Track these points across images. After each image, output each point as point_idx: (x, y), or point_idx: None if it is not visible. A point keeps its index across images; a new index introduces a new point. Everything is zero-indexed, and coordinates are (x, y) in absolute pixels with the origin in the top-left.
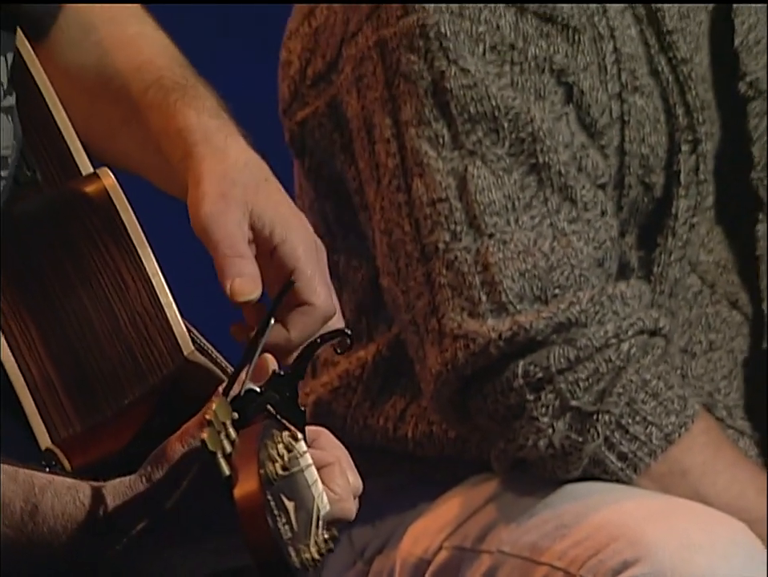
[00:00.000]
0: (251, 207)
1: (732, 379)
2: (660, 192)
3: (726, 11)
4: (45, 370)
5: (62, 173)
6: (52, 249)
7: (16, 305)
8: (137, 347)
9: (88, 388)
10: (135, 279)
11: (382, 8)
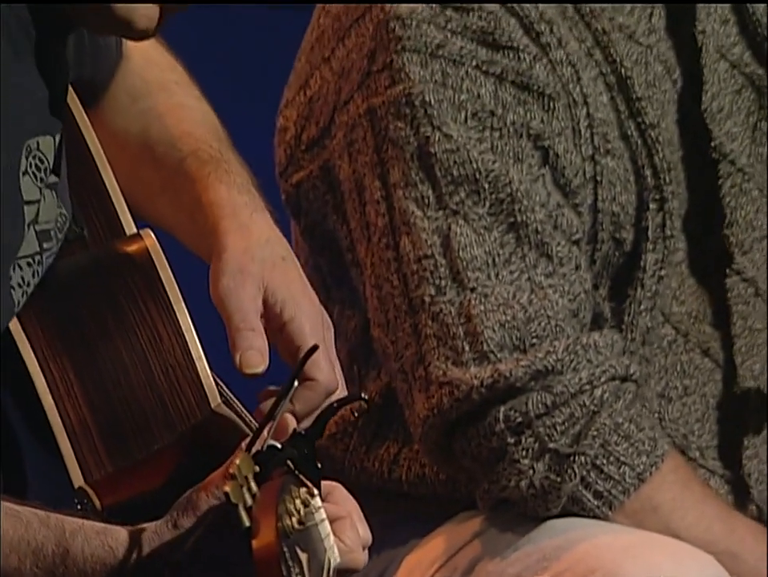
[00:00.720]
0: (266, 283)
1: (705, 422)
2: (630, 247)
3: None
4: (81, 414)
5: (108, 231)
6: (94, 302)
7: (58, 352)
8: (168, 397)
9: (121, 433)
10: (170, 333)
11: (372, 78)
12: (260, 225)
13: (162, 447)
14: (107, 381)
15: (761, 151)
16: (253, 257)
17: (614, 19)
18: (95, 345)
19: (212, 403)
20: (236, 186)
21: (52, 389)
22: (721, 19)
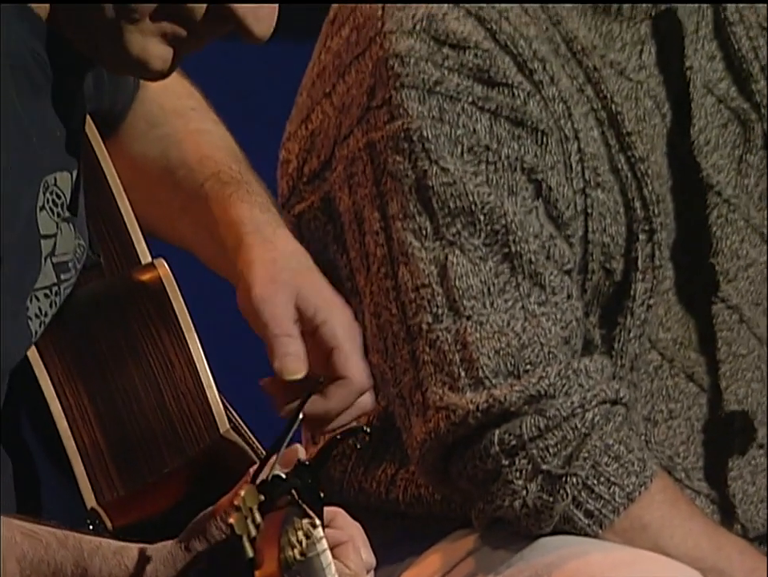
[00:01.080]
0: (298, 290)
1: (690, 444)
2: (620, 277)
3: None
4: (95, 438)
5: (124, 259)
6: (109, 330)
7: (73, 378)
8: (178, 422)
9: (132, 456)
10: (181, 361)
11: (371, 113)
12: (283, 239)
13: (172, 471)
14: (120, 407)
15: (747, 183)
16: (283, 267)
17: (605, 56)
18: (109, 372)
19: (221, 429)
20: (257, 205)
21: (67, 414)
22: (708, 55)
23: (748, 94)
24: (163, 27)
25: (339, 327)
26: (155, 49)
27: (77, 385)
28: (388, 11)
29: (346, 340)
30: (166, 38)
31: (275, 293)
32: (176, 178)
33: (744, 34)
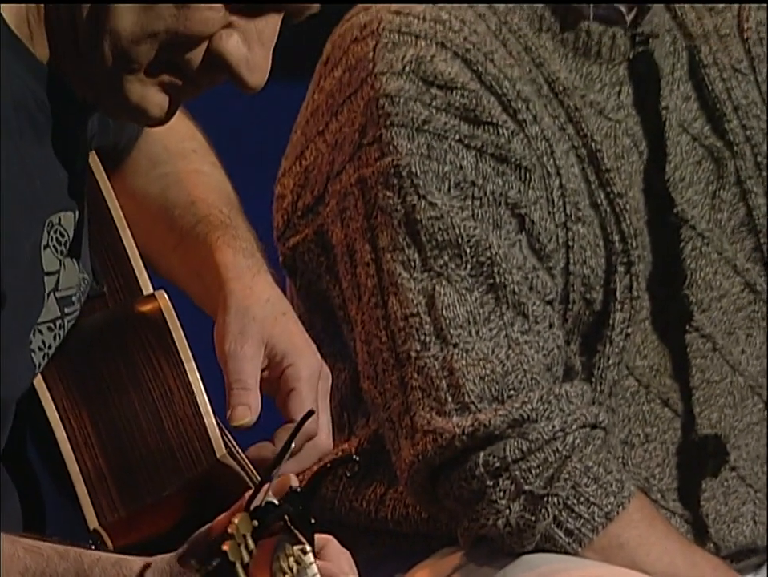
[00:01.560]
0: (267, 338)
1: (665, 466)
2: (600, 307)
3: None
4: (97, 462)
5: (126, 290)
6: (111, 358)
7: (76, 404)
8: (177, 447)
9: (133, 479)
10: (180, 389)
11: (362, 151)
12: (261, 286)
13: (171, 493)
14: (122, 432)
15: (720, 217)
16: (254, 317)
17: (585, 96)
18: (111, 399)
19: (218, 453)
20: (241, 250)
21: (70, 439)
22: (683, 96)
23: (721, 132)
24: (161, 77)
25: (304, 370)
26: (154, 97)
27: (80, 412)
28: (379, 53)
29: (308, 384)
30: (164, 86)
31: (241, 347)
32: (172, 216)
33: (717, 75)
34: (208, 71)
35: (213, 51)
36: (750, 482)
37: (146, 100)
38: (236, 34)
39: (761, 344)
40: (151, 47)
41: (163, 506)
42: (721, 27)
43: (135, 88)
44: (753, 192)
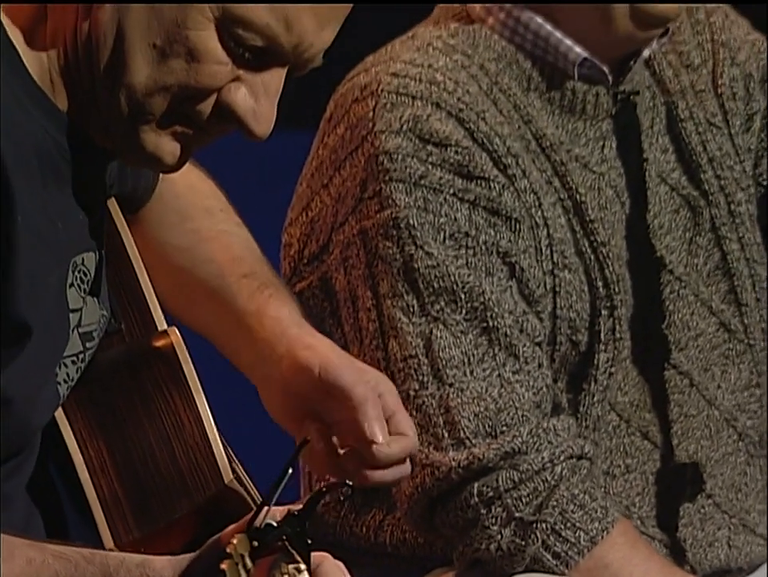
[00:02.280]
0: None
1: (644, 495)
2: (585, 348)
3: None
4: (113, 487)
5: (142, 325)
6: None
7: (94, 434)
8: (187, 473)
9: (146, 503)
10: (191, 419)
11: (364, 204)
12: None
13: (182, 516)
14: (136, 459)
15: (696, 262)
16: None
17: (571, 151)
18: (126, 428)
19: (225, 479)
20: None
21: (88, 465)
22: (661, 148)
23: (697, 182)
24: (174, 127)
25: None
26: (167, 146)
27: (97, 440)
28: (378, 113)
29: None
30: (176, 136)
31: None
32: (204, 271)
33: (693, 129)
34: (218, 122)
35: (222, 103)
36: (725, 508)
37: (160, 149)
38: (244, 87)
39: (735, 380)
40: (164, 99)
41: (175, 528)
42: (697, 83)
43: (150, 137)
44: (728, 238)
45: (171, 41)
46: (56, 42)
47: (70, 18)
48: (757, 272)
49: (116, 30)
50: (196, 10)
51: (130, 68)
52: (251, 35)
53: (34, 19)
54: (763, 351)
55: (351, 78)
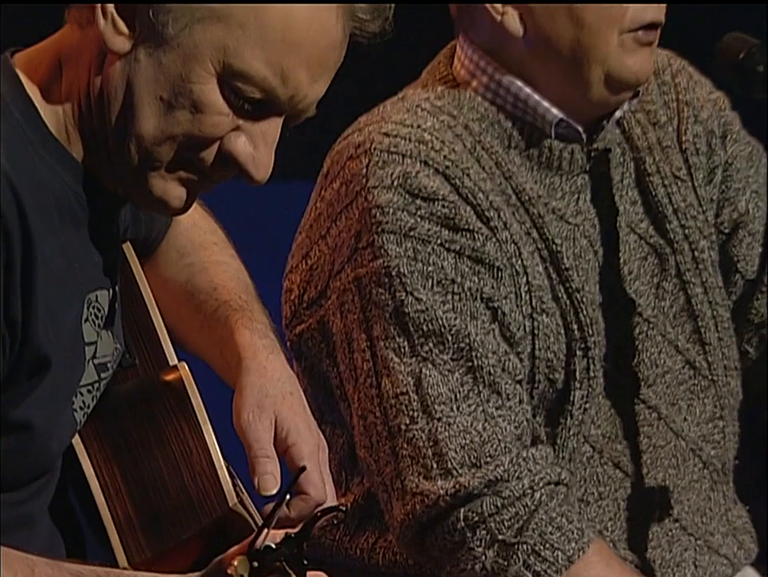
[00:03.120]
0: (277, 414)
1: (616, 520)
2: (561, 385)
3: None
4: (126, 510)
5: (154, 360)
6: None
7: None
8: (195, 497)
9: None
10: (198, 447)
11: (358, 253)
12: (274, 365)
13: (190, 537)
14: (148, 484)
15: (663, 305)
16: (267, 394)
17: (548, 204)
18: (139, 455)
19: (230, 502)
20: (257, 331)
21: (103, 490)
22: (631, 200)
23: (663, 232)
24: (179, 173)
25: (305, 448)
26: (174, 191)
27: (112, 466)
28: (371, 170)
29: (310, 460)
30: (182, 181)
31: (259, 418)
32: (197, 301)
33: (660, 182)
34: (220, 168)
35: (224, 151)
36: (692, 531)
37: (167, 193)
38: (244, 136)
39: (700, 413)
40: (170, 148)
41: (183, 548)
42: (663, 140)
43: (158, 183)
44: (692, 283)
45: (176, 94)
46: (71, 96)
47: (84, 74)
48: (720, 313)
49: (126, 84)
50: (199, 65)
51: (139, 119)
52: (250, 88)
53: (50, 75)
54: (726, 386)
55: (346, 137)
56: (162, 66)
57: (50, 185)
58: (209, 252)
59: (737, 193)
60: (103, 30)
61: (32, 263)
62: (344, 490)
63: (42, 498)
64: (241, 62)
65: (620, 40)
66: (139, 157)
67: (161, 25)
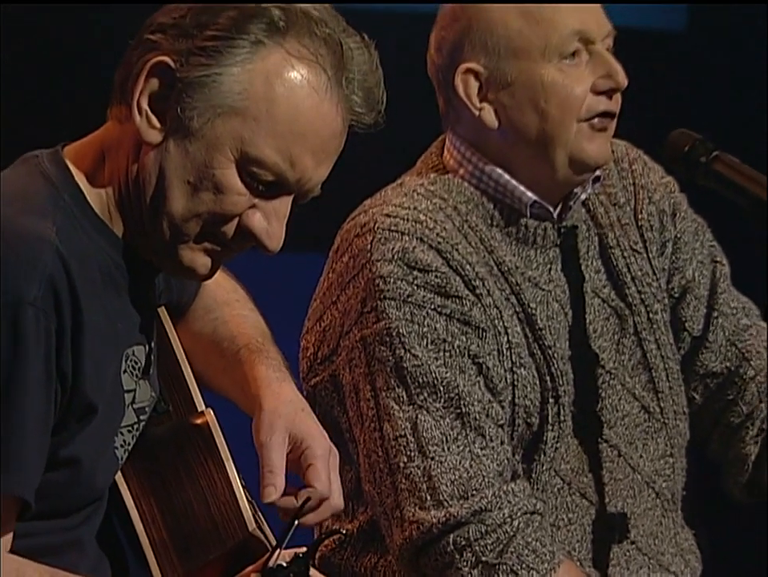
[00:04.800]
0: (290, 429)
1: (582, 542)
2: (536, 428)
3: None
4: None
5: (185, 407)
6: (172, 458)
7: (146, 494)
8: (219, 523)
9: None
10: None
11: (364, 317)
12: (286, 390)
13: (215, 557)
14: (179, 513)
15: (623, 358)
16: (280, 414)
17: (524, 273)
18: (171, 488)
19: (249, 528)
20: (271, 366)
21: (142, 518)
22: (595, 270)
23: (623, 296)
24: (204, 244)
25: (318, 450)
26: (200, 260)
27: (149, 498)
28: (374, 246)
29: (321, 460)
30: (207, 251)
31: (271, 436)
32: (221, 348)
33: (620, 254)
34: (239, 240)
35: (242, 225)
36: (646, 552)
37: (194, 262)
38: (259, 212)
39: (653, 451)
40: (196, 224)
41: (209, 567)
42: (622, 218)
43: (186, 254)
44: (647, 340)
45: (201, 178)
46: (112, 181)
47: (123, 162)
48: (671, 366)
49: (158, 170)
50: (220, 153)
51: (169, 200)
52: (263, 172)
53: (95, 164)
54: (675, 428)
55: (353, 218)
56: (189, 154)
57: (95, 257)
58: (231, 308)
59: (685, 263)
60: (139, 124)
61: (80, 324)
62: (350, 517)
63: (91, 524)
64: (256, 150)
65: (579, 127)
66: (170, 232)
67: (187, 119)
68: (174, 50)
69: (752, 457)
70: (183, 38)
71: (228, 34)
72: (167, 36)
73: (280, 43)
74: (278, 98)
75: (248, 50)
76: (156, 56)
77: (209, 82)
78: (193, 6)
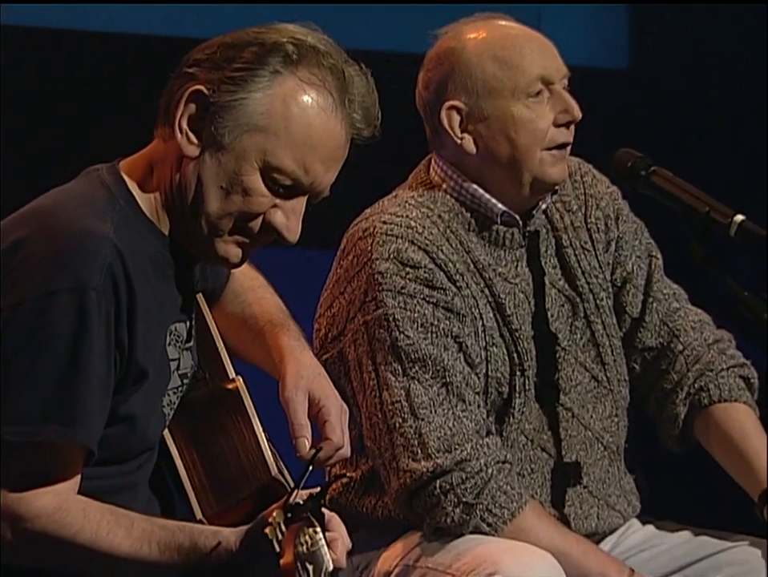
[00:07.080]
0: (309, 390)
1: (543, 487)
2: (506, 396)
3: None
4: (200, 478)
5: (218, 375)
6: (209, 416)
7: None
8: (248, 469)
9: (222, 488)
10: (249, 434)
11: (365, 305)
12: (305, 357)
13: (244, 497)
14: (215, 460)
15: (576, 337)
16: (302, 376)
17: (496, 270)
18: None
19: (272, 472)
20: (292, 337)
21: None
22: (552, 265)
23: (575, 287)
24: (236, 237)
25: (332, 408)
26: (233, 250)
27: (190, 449)
28: (374, 247)
29: (335, 416)
30: (238, 243)
31: (296, 395)
32: (249, 324)
33: (572, 252)
34: (264, 233)
35: (266, 222)
36: (596, 494)
37: (228, 252)
38: (280, 211)
39: (602, 412)
40: (228, 221)
41: (240, 505)
42: (575, 222)
43: (221, 246)
44: (595, 322)
45: (232, 183)
46: (159, 188)
47: (168, 172)
48: (614, 342)
49: (197, 178)
50: (247, 163)
51: (206, 202)
52: (282, 177)
53: (145, 174)
54: (619, 393)
55: (356, 224)
56: (221, 164)
57: (145, 250)
58: (254, 292)
59: (626, 258)
60: (180, 141)
61: (133, 305)
62: (354, 466)
63: (143, 471)
64: (276, 159)
65: (542, 155)
66: (208, 228)
67: (220, 136)
68: (207, 80)
69: (681, 416)
70: (215, 69)
71: (252, 65)
72: (202, 68)
73: (294, 72)
74: (293, 116)
75: (268, 79)
76: (193, 85)
77: (237, 105)
78: (222, 44)
